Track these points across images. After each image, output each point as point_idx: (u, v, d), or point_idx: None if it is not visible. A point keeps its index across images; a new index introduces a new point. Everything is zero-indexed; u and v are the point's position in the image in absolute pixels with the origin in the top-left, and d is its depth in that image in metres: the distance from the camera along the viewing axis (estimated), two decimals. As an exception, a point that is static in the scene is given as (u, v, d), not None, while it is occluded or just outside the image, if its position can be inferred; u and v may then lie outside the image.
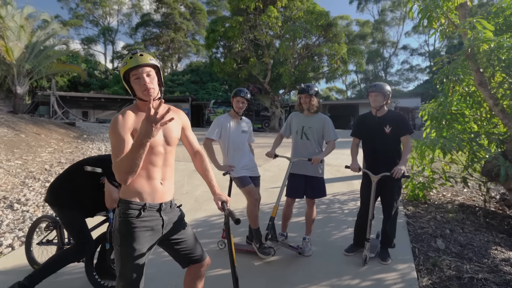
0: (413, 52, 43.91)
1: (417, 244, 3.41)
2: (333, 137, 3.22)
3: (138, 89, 1.59)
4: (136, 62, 1.56)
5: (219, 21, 17.88)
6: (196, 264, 1.79)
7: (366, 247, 2.93)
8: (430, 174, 4.90)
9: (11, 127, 8.50)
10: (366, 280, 2.68)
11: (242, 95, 3.13)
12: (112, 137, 1.52)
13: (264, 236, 2.76)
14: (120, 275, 1.57)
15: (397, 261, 2.98)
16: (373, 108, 3.08)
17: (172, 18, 36.43)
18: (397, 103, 24.99)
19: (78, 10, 40.39)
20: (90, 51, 40.20)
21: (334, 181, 5.79)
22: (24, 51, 12.95)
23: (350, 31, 43.30)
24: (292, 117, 3.36)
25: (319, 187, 3.16)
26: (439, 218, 4.15)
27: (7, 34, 12.41)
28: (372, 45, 44.34)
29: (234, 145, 3.14)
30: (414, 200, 4.84)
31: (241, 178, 3.06)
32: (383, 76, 43.17)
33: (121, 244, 1.55)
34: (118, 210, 1.59)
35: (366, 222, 2.99)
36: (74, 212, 2.45)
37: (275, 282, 2.66)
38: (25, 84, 13.35)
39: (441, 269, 2.88)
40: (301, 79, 18.65)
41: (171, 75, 34.85)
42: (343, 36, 17.09)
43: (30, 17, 14.47)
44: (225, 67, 17.94)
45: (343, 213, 4.29)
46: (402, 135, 3.00)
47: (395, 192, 2.99)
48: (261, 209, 4.46)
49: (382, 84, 3.04)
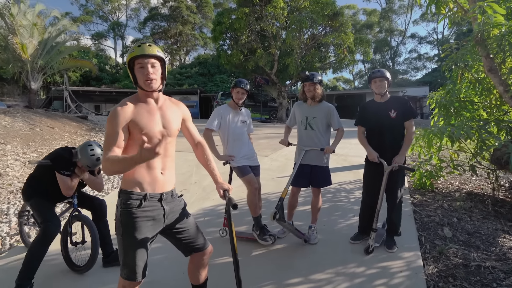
0: (421, 41, 42.79)
1: (424, 232, 3.35)
2: (340, 125, 3.16)
3: (140, 77, 1.57)
4: (143, 51, 1.54)
5: (225, 13, 17.65)
6: (198, 252, 1.79)
7: (371, 236, 2.88)
8: (438, 163, 4.79)
9: (26, 121, 8.62)
10: (372, 268, 2.64)
11: (242, 86, 3.08)
12: (107, 127, 1.52)
13: (272, 214, 2.68)
14: (124, 263, 1.58)
15: (403, 249, 2.93)
16: (377, 95, 2.99)
17: (179, 11, 36.24)
18: (404, 92, 24.51)
19: (88, 6, 40.44)
20: (101, 46, 40.40)
21: (340, 170, 5.72)
22: (37, 48, 13.04)
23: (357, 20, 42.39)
24: (295, 107, 3.30)
25: (324, 176, 3.11)
26: (446, 207, 4.06)
27: (21, 31, 12.50)
28: (379, 34, 43.37)
29: (234, 135, 3.11)
30: (421, 189, 4.75)
31: (241, 168, 3.03)
32: (391, 65, 42.31)
33: (123, 234, 1.55)
34: (119, 201, 1.58)
35: (370, 210, 2.94)
36: (41, 200, 2.63)
37: (280, 270, 2.65)
38: (39, 80, 13.48)
39: (447, 257, 2.83)
40: (308, 70, 18.39)
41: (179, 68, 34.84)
42: (349, 25, 16.69)
43: (41, 14, 14.53)
44: (232, 59, 17.78)
45: (349, 201, 4.23)
46: (407, 119, 2.92)
47: (399, 180, 2.93)
48: (267, 198, 4.46)
49: (383, 70, 2.96)
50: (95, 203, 2.83)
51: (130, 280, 1.58)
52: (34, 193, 2.66)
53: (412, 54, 43.87)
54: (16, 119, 8.48)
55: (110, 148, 1.47)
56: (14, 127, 7.75)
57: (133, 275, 1.57)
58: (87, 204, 2.83)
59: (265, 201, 4.35)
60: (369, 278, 2.50)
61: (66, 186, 2.59)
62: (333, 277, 2.53)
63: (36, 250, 2.42)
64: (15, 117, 8.60)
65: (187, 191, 4.80)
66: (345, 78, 47.28)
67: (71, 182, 2.61)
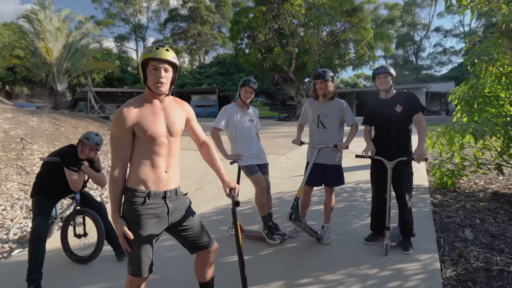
0: (447, 34, 41.10)
1: (443, 234, 3.21)
2: (353, 121, 3.09)
3: (151, 79, 1.60)
4: (159, 55, 1.57)
5: (243, 12, 17.67)
6: (203, 250, 1.80)
7: (386, 235, 2.80)
8: (460, 161, 4.58)
9: (52, 122, 9.01)
10: (385, 269, 2.56)
11: (250, 85, 3.07)
12: (114, 130, 1.56)
13: (288, 215, 2.66)
14: (129, 260, 1.61)
15: (419, 251, 2.82)
16: (382, 91, 2.92)
17: (198, 11, 36.72)
18: (428, 88, 23.66)
19: (111, 10, 41.71)
20: (123, 48, 41.58)
21: (358, 169, 5.59)
22: (62, 51, 13.61)
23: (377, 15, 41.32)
24: (307, 105, 3.24)
25: (336, 175, 3.05)
26: (469, 207, 3.88)
27: (47, 36, 13.07)
28: (401, 29, 42.07)
29: (242, 134, 3.10)
30: (442, 188, 4.56)
31: (249, 167, 3.02)
32: (414, 61, 40.96)
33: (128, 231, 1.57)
34: (124, 199, 1.61)
35: (380, 208, 2.86)
36: (42, 198, 2.78)
37: (291, 270, 2.62)
38: (64, 82, 14.08)
39: (467, 260, 2.70)
40: (327, 67, 18.10)
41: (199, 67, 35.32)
42: (369, 20, 16.26)
43: (67, 19, 15.13)
44: (249, 57, 17.80)
45: (365, 201, 4.13)
46: (414, 113, 2.82)
47: (406, 178, 2.84)
48: (282, 197, 4.43)
49: (387, 66, 2.89)
50: (95, 206, 2.96)
51: (136, 276, 1.61)
52: (39, 190, 2.81)
53: (436, 48, 42.26)
54: (43, 119, 8.87)
55: (118, 159, 1.58)
56: (41, 127, 8.12)
57: (139, 271, 1.61)
58: (88, 206, 2.96)
59: (279, 200, 4.33)
60: (382, 280, 2.42)
61: (73, 180, 2.76)
62: (345, 278, 2.47)
63: (30, 247, 2.53)
64: (42, 118, 9.01)
65: (202, 189, 4.84)
66: (366, 74, 46.20)
67: (78, 177, 2.79)
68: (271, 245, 3.04)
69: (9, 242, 3.43)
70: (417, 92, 23.82)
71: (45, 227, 2.63)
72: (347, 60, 20.10)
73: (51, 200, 2.85)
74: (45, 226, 2.63)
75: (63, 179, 2.79)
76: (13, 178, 5.22)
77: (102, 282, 2.57)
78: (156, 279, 2.54)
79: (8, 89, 28.67)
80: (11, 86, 28.75)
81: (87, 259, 2.80)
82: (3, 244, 3.37)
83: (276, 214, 3.74)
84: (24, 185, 4.98)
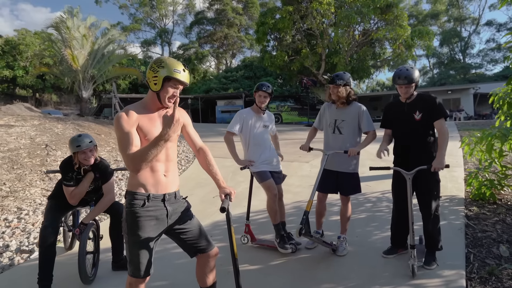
0: (500, 28, 38.89)
1: (474, 249, 3.11)
2: (370, 127, 3.09)
3: (165, 94, 1.77)
4: (185, 79, 1.76)
5: (269, 13, 17.92)
6: (203, 254, 1.93)
7: (411, 255, 2.66)
8: (502, 170, 4.39)
9: (76, 128, 9.67)
10: (403, 285, 2.54)
11: (264, 89, 3.18)
12: (117, 132, 1.71)
13: (298, 231, 2.71)
14: (130, 261, 1.77)
15: (444, 266, 2.76)
16: None
17: (225, 14, 37.64)
18: (477, 89, 22.50)
19: (137, 15, 43.90)
20: (149, 53, 43.48)
21: (384, 178, 5.48)
22: (87, 58, 14.58)
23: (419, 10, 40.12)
24: (324, 109, 3.29)
25: (350, 183, 3.06)
26: (509, 221, 3.71)
27: (73, 43, 14.09)
28: (446, 24, 40.49)
29: (255, 140, 3.21)
30: (480, 200, 4.37)
31: (260, 173, 3.12)
32: (461, 59, 39.15)
33: (128, 233, 1.75)
34: (125, 202, 1.79)
35: (402, 221, 2.82)
36: (54, 203, 2.92)
37: (301, 281, 2.67)
38: (90, 89, 15.06)
39: (499, 279, 2.60)
40: (359, 68, 17.87)
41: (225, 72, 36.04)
42: (405, 17, 15.87)
43: (92, 26, 16.23)
44: (276, 60, 17.96)
45: (389, 212, 4.01)
46: (435, 119, 2.76)
47: (432, 188, 2.77)
48: (300, 206, 4.48)
49: (410, 71, 2.73)
50: (114, 207, 3.01)
51: (135, 276, 1.77)
52: (54, 195, 2.98)
53: (489, 45, 40.10)
54: (67, 126, 9.55)
55: (128, 147, 1.64)
56: (65, 134, 8.75)
57: (138, 272, 1.76)
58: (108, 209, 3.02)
59: (297, 209, 4.38)
60: (398, 296, 2.41)
61: (68, 195, 2.83)
62: (357, 292, 2.48)
63: (39, 253, 2.69)
64: (67, 125, 9.70)
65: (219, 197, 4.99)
66: (406, 75, 44.76)
67: (73, 191, 2.83)
68: (283, 255, 3.10)
69: (29, 245, 3.76)
70: (463, 94, 22.75)
71: (48, 233, 2.70)
72: (383, 61, 19.68)
73: (62, 207, 2.94)
74: (48, 232, 2.71)
75: None
76: (36, 184, 5.68)
77: (112, 286, 2.76)
78: (164, 285, 2.70)
79: (38, 96, 31.02)
80: (40, 94, 31.09)
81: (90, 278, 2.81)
82: (23, 247, 3.70)
83: (292, 224, 3.80)
84: (47, 191, 5.41)
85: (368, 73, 18.87)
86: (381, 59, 19.59)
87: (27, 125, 8.70)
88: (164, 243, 3.27)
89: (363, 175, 5.83)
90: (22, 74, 26.27)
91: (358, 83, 40.59)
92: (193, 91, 31.97)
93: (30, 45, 26.89)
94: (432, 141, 2.82)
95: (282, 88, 30.11)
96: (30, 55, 26.22)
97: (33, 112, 14.44)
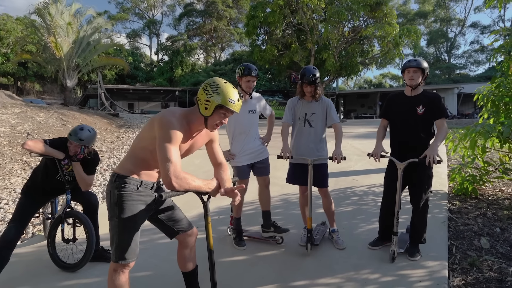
0: (484, 30, 39.81)
1: (456, 241, 3.17)
2: (337, 120, 3.12)
3: (213, 120, 1.74)
4: (236, 110, 1.75)
5: (259, 7, 17.80)
6: (182, 233, 1.99)
7: (393, 241, 2.78)
8: (484, 166, 4.49)
9: (59, 118, 9.41)
10: (387, 275, 2.57)
11: (254, 74, 2.99)
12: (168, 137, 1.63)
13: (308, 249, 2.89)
14: (117, 245, 1.74)
15: (427, 257, 2.81)
16: (408, 87, 2.87)
17: (214, 6, 37.21)
18: (461, 88, 23.03)
19: (125, 4, 42.94)
20: (136, 44, 42.69)
21: (372, 172, 5.56)
22: (72, 46, 14.18)
23: (407, 10, 40.64)
24: (293, 103, 3.22)
25: (321, 174, 3.09)
26: (489, 215, 3.80)
27: (57, 31, 13.66)
28: (434, 24, 41.16)
29: (240, 128, 3.07)
30: (462, 195, 4.47)
31: (239, 170, 3.07)
32: (447, 59, 39.93)
33: (118, 216, 1.73)
34: (115, 185, 1.76)
35: (390, 214, 2.85)
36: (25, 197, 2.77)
37: (287, 271, 2.68)
38: (74, 78, 14.67)
39: (479, 270, 2.67)
40: (348, 65, 17.98)
41: (213, 65, 35.75)
42: (394, 15, 16.03)
43: (78, 13, 15.77)
44: (265, 54, 17.91)
45: (375, 205, 4.12)
46: (436, 118, 2.78)
47: (424, 181, 2.80)
48: (288, 199, 4.47)
49: (420, 59, 2.81)
50: (86, 197, 2.96)
51: (122, 260, 1.73)
52: (28, 187, 2.82)
53: (473, 46, 41.01)
54: (50, 115, 9.28)
55: (177, 166, 1.62)
56: (48, 123, 8.50)
57: (126, 256, 1.74)
58: (79, 197, 2.97)
59: (285, 202, 4.38)
60: (383, 286, 2.44)
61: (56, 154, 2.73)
62: (343, 282, 2.50)
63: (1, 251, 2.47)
64: (50, 114, 9.42)
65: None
66: (392, 74, 45.50)
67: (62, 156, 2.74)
68: (271, 247, 3.10)
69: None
70: (448, 93, 23.24)
71: (15, 234, 2.55)
72: (370, 58, 19.85)
73: (38, 200, 2.82)
74: (11, 233, 2.54)
75: (56, 178, 2.82)
76: (17, 173, 5.51)
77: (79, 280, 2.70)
78: (149, 275, 2.66)
79: (20, 84, 30.06)
80: (22, 82, 30.13)
81: (74, 267, 2.72)
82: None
83: (279, 216, 3.81)
84: (27, 180, 5.26)
85: (356, 70, 19.01)
86: (369, 56, 19.75)
87: (8, 113, 8.41)
88: (150, 233, 3.24)
89: (350, 170, 5.92)
90: (2, 61, 25.39)
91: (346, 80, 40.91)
92: (181, 84, 31.60)
93: (11, 31, 25.93)
94: (429, 139, 2.84)
95: (270, 83, 30.10)
96: (12, 41, 25.33)
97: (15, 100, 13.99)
